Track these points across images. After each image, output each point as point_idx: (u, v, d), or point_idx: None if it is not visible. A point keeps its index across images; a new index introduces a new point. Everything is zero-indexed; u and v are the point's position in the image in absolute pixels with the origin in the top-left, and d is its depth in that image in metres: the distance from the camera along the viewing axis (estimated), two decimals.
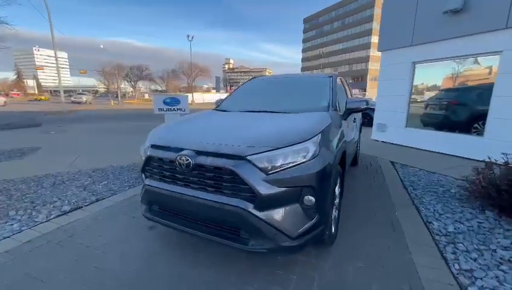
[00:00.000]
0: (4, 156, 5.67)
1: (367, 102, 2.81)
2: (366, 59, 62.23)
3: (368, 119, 10.96)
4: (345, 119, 2.80)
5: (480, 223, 2.65)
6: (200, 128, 2.22)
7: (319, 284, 1.83)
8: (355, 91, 54.99)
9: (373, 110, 7.81)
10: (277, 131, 1.92)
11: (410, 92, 6.57)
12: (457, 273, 1.92)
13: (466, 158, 5.34)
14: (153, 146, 2.04)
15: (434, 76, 6.37)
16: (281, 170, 1.65)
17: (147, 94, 68.42)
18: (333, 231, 2.23)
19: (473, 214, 2.83)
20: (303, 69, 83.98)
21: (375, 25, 60.76)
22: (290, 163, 1.67)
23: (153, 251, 2.20)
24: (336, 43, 71.44)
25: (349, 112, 2.82)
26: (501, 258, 2.08)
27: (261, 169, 1.63)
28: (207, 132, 2.07)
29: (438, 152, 5.91)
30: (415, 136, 6.47)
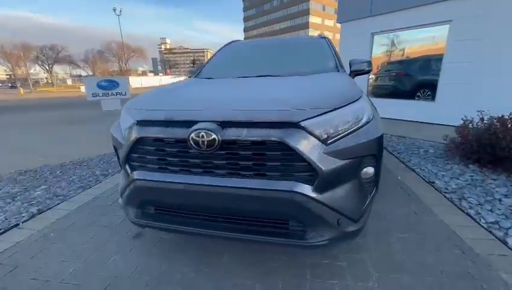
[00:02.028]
0: None
1: (370, 63, 2.59)
2: None
3: None
4: None
5: (472, 176, 2.81)
6: (212, 94, 1.63)
7: (374, 265, 1.58)
8: None
9: None
10: (321, 90, 1.51)
11: None
12: (489, 228, 1.92)
13: (420, 122, 5.90)
14: (142, 123, 1.39)
15: (391, 47, 6.71)
16: (342, 136, 1.26)
17: (69, 80, 58.10)
18: None
19: (461, 170, 3.01)
20: None
21: (313, 5, 63.19)
22: (350, 127, 1.29)
23: (156, 268, 1.61)
24: (277, 22, 72.01)
25: (354, 74, 2.56)
26: (510, 206, 2.19)
27: (319, 138, 1.21)
28: (227, 97, 1.51)
29: (395, 119, 6.39)
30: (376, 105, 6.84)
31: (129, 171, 1.45)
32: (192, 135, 1.21)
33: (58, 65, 54.07)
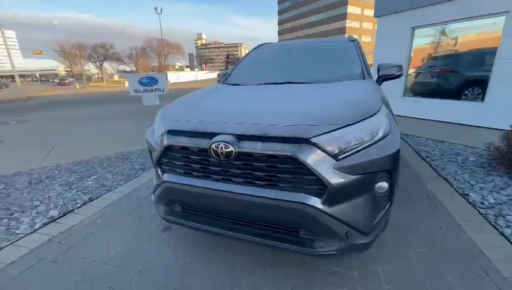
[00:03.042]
0: None
1: (400, 67, 2.48)
2: (342, 30, 61.57)
3: None
4: None
5: None
6: (233, 106, 1.76)
7: (387, 278, 1.59)
8: None
9: None
10: (337, 103, 1.54)
11: (408, 59, 6.37)
12: None
13: (465, 124, 5.38)
14: (171, 132, 1.58)
15: (435, 41, 6.17)
16: (354, 152, 1.29)
17: (116, 76, 63.40)
18: None
19: (504, 183, 2.74)
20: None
21: None
22: (363, 143, 1.32)
23: (179, 261, 1.82)
24: (312, 14, 69.56)
25: (382, 79, 2.48)
26: None
27: (329, 153, 1.26)
28: (245, 110, 1.62)
29: (436, 120, 5.90)
30: (411, 106, 6.40)
31: (160, 173, 1.66)
32: (213, 145, 1.35)
33: (107, 62, 59.09)
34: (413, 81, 6.67)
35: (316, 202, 1.27)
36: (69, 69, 56.12)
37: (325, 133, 1.27)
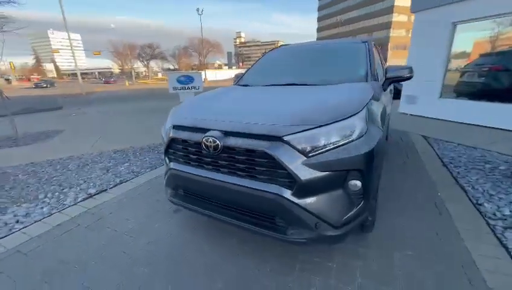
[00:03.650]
0: (31, 138, 5.83)
1: (411, 69, 2.44)
2: (388, 25, 57.39)
3: (393, 91, 10.23)
4: (385, 90, 2.46)
5: None
6: (226, 106, 1.99)
7: (363, 273, 1.67)
8: None
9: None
10: (316, 105, 1.66)
11: (447, 58, 5.88)
12: None
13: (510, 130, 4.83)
14: (176, 127, 1.86)
15: (482, 37, 5.60)
16: (324, 151, 1.42)
17: (160, 73, 68.27)
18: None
19: None
20: (318, 39, 79.37)
21: None
22: (335, 143, 1.43)
23: (182, 238, 2.11)
24: (354, 9, 66.04)
25: (389, 81, 2.47)
26: None
27: (300, 151, 1.41)
28: (235, 110, 1.84)
29: (480, 125, 5.37)
30: (449, 108, 5.90)
31: (167, 161, 1.96)
32: (204, 139, 1.60)
33: (153, 60, 63.88)
34: (453, 81, 6.12)
35: (287, 193, 1.43)
36: (121, 68, 62.01)
37: (296, 132, 1.42)
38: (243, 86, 2.80)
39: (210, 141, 1.57)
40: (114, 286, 1.64)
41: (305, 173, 1.39)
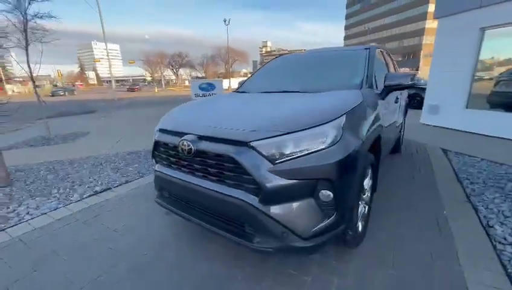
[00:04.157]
0: (61, 139, 6.38)
1: (412, 77, 2.31)
2: (420, 32, 54.73)
3: (417, 100, 9.68)
4: (383, 99, 2.35)
5: None
6: (209, 112, 2.04)
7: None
8: (405, 70, 49.29)
9: (424, 90, 6.77)
10: (291, 113, 1.64)
11: (474, 66, 5.44)
12: None
13: None
14: (161, 130, 1.94)
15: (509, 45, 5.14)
16: (292, 158, 1.39)
17: (187, 81, 71.33)
18: (360, 229, 1.92)
19: None
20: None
21: None
22: (303, 150, 1.40)
23: (166, 238, 2.16)
24: (384, 16, 64.03)
25: (388, 89, 2.36)
26: None
27: (266, 157, 1.39)
28: (214, 116, 1.88)
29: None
30: (477, 120, 5.42)
31: (154, 163, 2.04)
32: (180, 143, 1.64)
33: (182, 68, 66.97)
34: (481, 90, 5.63)
35: (253, 200, 1.42)
36: (151, 76, 65.89)
37: (262, 138, 1.41)
38: (241, 92, 2.84)
39: (185, 145, 1.61)
40: (92, 279, 1.72)
41: (271, 180, 1.37)
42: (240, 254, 1.92)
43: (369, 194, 2.10)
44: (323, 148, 1.41)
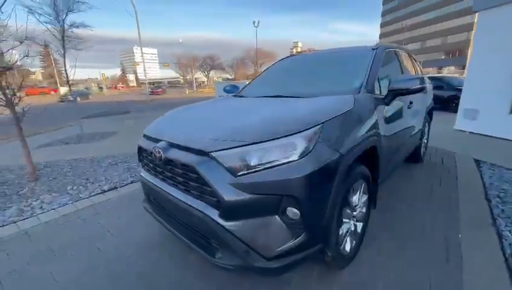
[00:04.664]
0: (87, 139, 6.92)
1: (422, 80, 2.05)
2: (467, 27, 49.51)
3: (456, 103, 8.73)
4: (387, 104, 2.11)
5: None
6: (189, 118, 2.01)
7: None
8: (450, 69, 44.95)
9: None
10: (262, 121, 1.53)
11: None
12: None
13: None
14: (144, 135, 1.96)
15: None
16: (255, 171, 1.29)
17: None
18: (347, 250, 1.74)
19: None
20: None
21: None
22: (268, 163, 1.29)
23: (151, 243, 2.17)
24: (425, 12, 59.20)
25: (393, 94, 2.11)
26: None
27: (228, 169, 1.30)
28: (190, 123, 1.85)
29: None
30: None
31: (141, 167, 2.07)
32: (153, 149, 1.63)
33: (213, 71, 69.07)
34: None
35: (215, 214, 1.34)
36: (183, 78, 69.01)
37: (224, 149, 1.33)
38: (239, 96, 2.78)
39: (156, 151, 1.59)
40: (71, 279, 1.78)
41: (232, 194, 1.28)
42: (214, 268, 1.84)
43: (363, 210, 1.90)
44: (290, 162, 1.28)
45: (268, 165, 1.28)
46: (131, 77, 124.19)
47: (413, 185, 3.11)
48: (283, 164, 1.28)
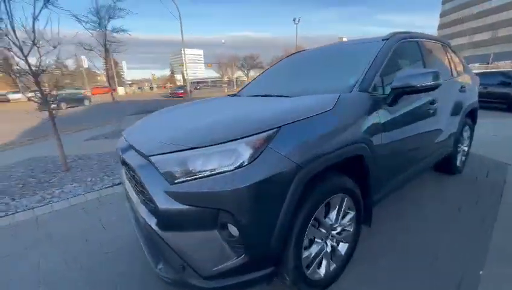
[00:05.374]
0: (116, 135, 7.52)
1: (435, 75, 1.67)
2: None
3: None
4: (390, 105, 1.77)
5: None
6: (162, 121, 1.95)
7: None
8: None
9: None
10: (211, 124, 1.39)
11: None
12: None
13: None
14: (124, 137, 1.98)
15: None
16: (192, 179, 1.16)
17: None
18: (323, 274, 1.50)
19: None
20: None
21: None
22: (206, 171, 1.15)
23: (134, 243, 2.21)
24: None
25: (395, 93, 1.76)
26: None
27: (164, 175, 1.20)
28: (158, 125, 1.80)
29: None
30: None
31: None
32: (116, 150, 1.62)
33: (253, 70, 70.05)
34: None
35: (153, 221, 1.26)
36: (221, 77, 71.54)
37: (161, 153, 1.23)
38: (238, 96, 2.66)
39: (119, 152, 1.58)
40: (51, 269, 1.89)
41: (165, 202, 1.18)
42: None
43: (349, 229, 1.63)
44: (227, 171, 1.12)
45: (206, 174, 1.14)
46: (178, 76, 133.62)
47: (439, 201, 2.60)
48: (221, 173, 1.12)
